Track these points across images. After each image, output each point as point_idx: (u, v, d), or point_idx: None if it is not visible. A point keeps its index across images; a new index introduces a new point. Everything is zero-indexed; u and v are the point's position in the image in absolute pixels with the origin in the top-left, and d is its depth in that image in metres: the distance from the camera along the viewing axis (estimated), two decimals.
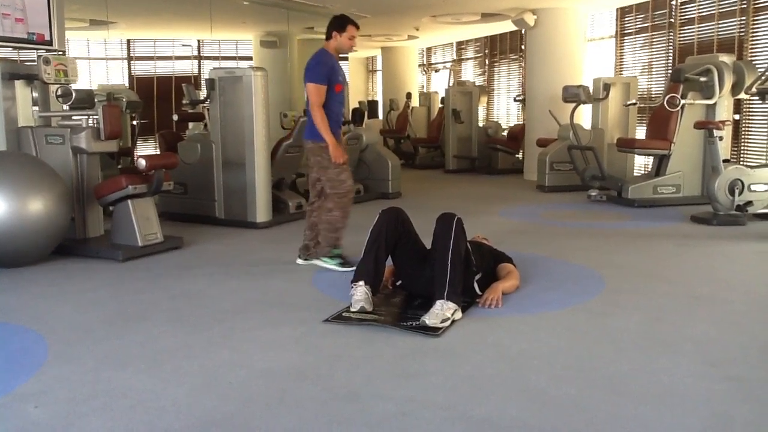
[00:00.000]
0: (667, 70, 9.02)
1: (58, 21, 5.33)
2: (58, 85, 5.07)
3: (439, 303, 3.25)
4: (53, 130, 5.04)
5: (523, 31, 10.72)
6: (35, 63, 5.06)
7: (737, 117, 7.78)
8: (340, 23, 4.37)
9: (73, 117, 5.12)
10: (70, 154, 4.96)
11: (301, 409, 2.37)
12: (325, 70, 4.30)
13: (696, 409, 2.35)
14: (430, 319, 3.18)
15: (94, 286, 4.12)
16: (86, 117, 4.99)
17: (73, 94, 4.97)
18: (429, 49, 16.15)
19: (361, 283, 3.47)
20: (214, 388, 2.57)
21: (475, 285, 3.64)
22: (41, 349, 3.00)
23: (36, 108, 5.24)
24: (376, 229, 3.59)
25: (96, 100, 5.26)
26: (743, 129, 8.00)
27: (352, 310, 3.40)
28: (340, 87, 4.39)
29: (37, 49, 5.19)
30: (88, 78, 9.22)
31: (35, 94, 5.21)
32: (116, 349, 3.00)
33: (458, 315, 3.30)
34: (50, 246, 4.67)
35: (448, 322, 3.21)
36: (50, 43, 5.25)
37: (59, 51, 5.33)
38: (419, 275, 3.62)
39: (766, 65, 6.11)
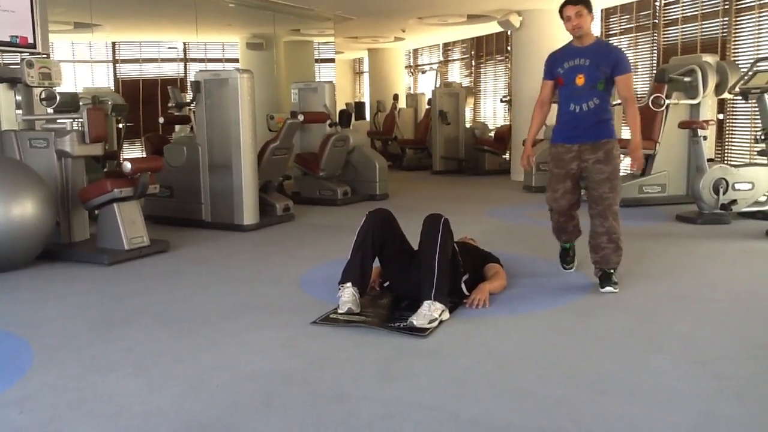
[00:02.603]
0: (652, 70, 9.09)
1: (42, 24, 5.30)
2: (42, 89, 5.03)
3: (426, 304, 3.25)
4: (37, 134, 5.00)
5: (509, 33, 10.76)
6: (18, 66, 5.01)
7: (721, 117, 7.85)
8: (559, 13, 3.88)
9: (58, 120, 5.08)
10: (54, 157, 4.92)
11: (288, 412, 2.36)
12: (546, 65, 4.00)
13: (682, 407, 2.37)
14: (417, 320, 3.19)
15: (80, 291, 4.09)
16: (71, 120, 4.95)
17: (57, 98, 4.94)
18: (416, 51, 16.18)
19: (348, 284, 3.47)
20: (200, 392, 2.56)
21: (463, 286, 3.65)
22: (26, 355, 2.98)
23: (20, 111, 5.19)
24: (362, 231, 3.59)
25: (81, 103, 5.23)
26: (727, 128, 8.08)
27: (339, 311, 3.40)
28: (562, 80, 3.86)
29: (21, 52, 5.15)
30: (72, 81, 9.14)
31: (19, 98, 5.16)
32: (102, 354, 2.98)
33: (446, 315, 3.30)
34: (35, 251, 4.63)
35: (436, 323, 3.21)
36: (34, 46, 5.21)
37: (43, 54, 5.30)
38: (406, 276, 3.63)
39: (748, 65, 6.16)
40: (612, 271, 3.88)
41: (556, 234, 4.21)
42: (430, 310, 3.23)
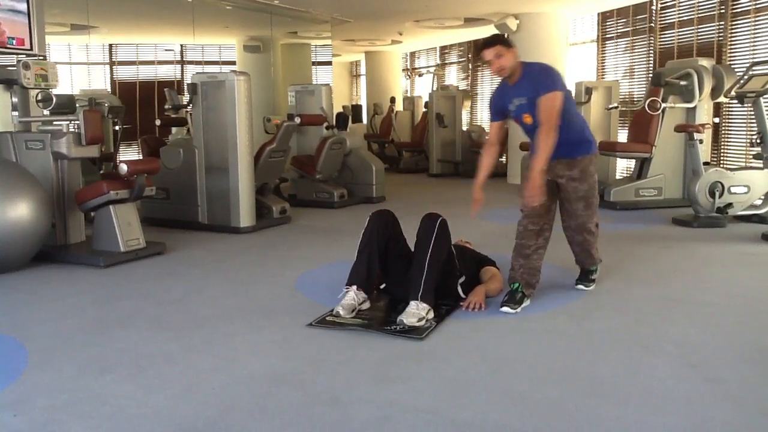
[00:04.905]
0: (648, 73, 9.11)
1: (38, 25, 5.29)
2: (38, 90, 5.02)
3: (413, 303, 3.29)
4: (33, 136, 4.99)
5: (505, 36, 10.78)
6: (15, 67, 5.01)
7: (717, 120, 7.87)
8: None
9: (54, 122, 5.07)
10: (50, 159, 4.91)
11: (283, 415, 2.36)
12: (491, 107, 3.84)
13: (677, 411, 2.37)
14: (407, 318, 3.22)
15: (75, 293, 4.09)
16: (67, 122, 4.94)
17: (54, 99, 4.93)
18: (413, 54, 16.19)
19: (353, 287, 3.48)
20: (195, 394, 2.55)
21: (459, 288, 3.65)
22: (21, 357, 2.97)
23: (16, 113, 5.18)
24: (367, 232, 3.58)
25: (77, 105, 5.22)
26: (723, 132, 8.10)
27: (333, 313, 3.41)
28: (516, 121, 3.73)
29: (17, 54, 5.14)
30: (69, 83, 9.13)
31: (15, 99, 5.15)
32: (97, 355, 2.98)
33: (430, 315, 3.33)
34: (30, 253, 4.62)
35: (424, 321, 3.24)
36: (30, 47, 5.20)
37: (39, 55, 5.28)
38: (404, 278, 3.62)
39: (744, 69, 6.18)
40: (592, 268, 4.01)
41: (513, 259, 3.73)
42: (418, 309, 3.27)
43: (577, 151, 3.64)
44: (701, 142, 6.23)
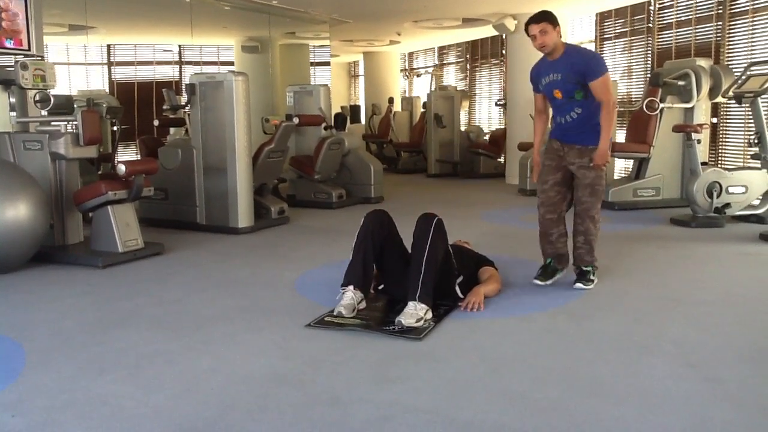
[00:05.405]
0: (646, 73, 9.12)
1: (36, 26, 5.28)
2: (36, 91, 5.02)
3: (411, 304, 3.29)
4: (31, 136, 4.98)
5: (503, 36, 10.78)
6: (13, 68, 5.00)
7: (715, 120, 7.88)
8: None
9: (52, 122, 5.06)
10: (48, 160, 4.91)
11: (282, 415, 2.36)
12: (531, 80, 4.13)
13: (676, 410, 2.38)
14: (405, 319, 3.22)
15: (74, 293, 4.08)
16: (65, 122, 4.93)
17: (52, 100, 4.92)
18: (411, 54, 16.19)
19: (350, 287, 3.48)
20: (194, 394, 2.55)
21: (457, 288, 3.65)
22: (19, 357, 2.97)
23: (14, 113, 5.17)
24: (362, 232, 3.59)
25: (76, 105, 5.22)
26: (721, 132, 8.11)
27: (334, 314, 3.40)
28: (545, 96, 4.05)
29: (15, 54, 5.13)
30: (67, 83, 9.12)
31: (13, 100, 5.14)
32: (96, 356, 2.97)
33: (428, 315, 3.32)
34: (29, 253, 4.61)
35: (422, 322, 3.24)
36: (28, 48, 5.20)
37: (37, 56, 5.28)
38: (402, 279, 3.62)
39: (742, 69, 6.19)
40: (588, 269, 4.06)
41: (541, 244, 4.16)
42: (416, 309, 3.26)
43: (589, 139, 3.86)
44: (699, 142, 6.24)
